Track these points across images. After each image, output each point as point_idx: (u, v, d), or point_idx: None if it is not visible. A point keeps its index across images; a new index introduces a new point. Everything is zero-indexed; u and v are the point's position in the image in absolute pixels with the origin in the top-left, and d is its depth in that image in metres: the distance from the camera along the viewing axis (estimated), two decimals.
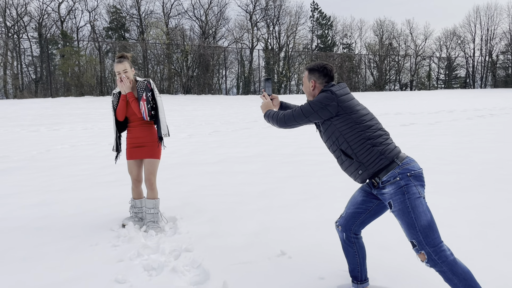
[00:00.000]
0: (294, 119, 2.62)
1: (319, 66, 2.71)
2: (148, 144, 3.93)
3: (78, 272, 3.11)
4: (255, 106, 22.23)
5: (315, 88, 2.71)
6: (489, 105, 20.14)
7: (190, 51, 37.63)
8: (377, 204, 2.62)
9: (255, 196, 5.11)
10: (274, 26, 43.48)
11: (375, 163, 2.44)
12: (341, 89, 2.60)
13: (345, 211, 2.72)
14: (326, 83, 2.69)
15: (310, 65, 2.77)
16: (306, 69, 2.78)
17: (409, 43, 49.59)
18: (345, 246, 2.74)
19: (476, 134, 10.26)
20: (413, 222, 2.30)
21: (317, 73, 2.70)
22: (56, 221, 4.24)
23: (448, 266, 2.26)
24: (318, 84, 2.70)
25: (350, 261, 2.75)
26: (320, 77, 2.69)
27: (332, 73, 2.72)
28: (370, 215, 2.65)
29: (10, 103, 24.11)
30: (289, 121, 2.65)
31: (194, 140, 10.13)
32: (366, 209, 2.64)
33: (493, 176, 5.87)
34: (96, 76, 34.89)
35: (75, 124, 13.78)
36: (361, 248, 2.72)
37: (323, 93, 2.58)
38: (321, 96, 2.56)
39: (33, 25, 36.47)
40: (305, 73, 2.78)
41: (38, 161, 7.57)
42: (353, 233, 2.69)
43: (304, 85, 2.81)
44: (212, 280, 2.96)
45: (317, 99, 2.57)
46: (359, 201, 2.66)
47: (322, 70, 2.70)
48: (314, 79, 2.71)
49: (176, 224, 4.09)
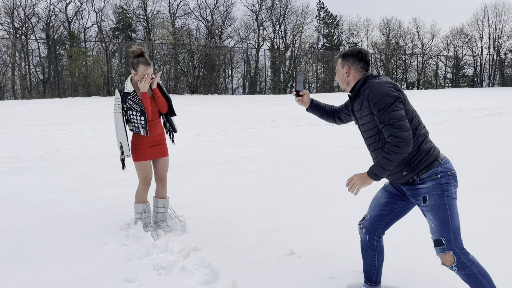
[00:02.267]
0: (401, 126, 2.24)
1: (354, 50, 2.53)
2: (163, 141, 3.91)
3: (88, 271, 3.12)
4: (262, 106, 22.22)
5: (349, 75, 2.52)
6: (498, 104, 19.98)
7: (196, 51, 37.68)
8: (402, 206, 2.55)
9: (263, 195, 5.10)
10: (280, 25, 43.44)
11: (421, 162, 2.34)
12: (388, 79, 2.41)
13: (369, 213, 2.65)
14: (362, 69, 2.50)
15: (343, 51, 2.58)
16: (339, 56, 2.58)
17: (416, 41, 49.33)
18: (365, 248, 2.68)
19: (485, 133, 10.17)
20: (448, 220, 2.25)
21: (351, 58, 2.51)
22: (65, 220, 4.26)
23: (477, 268, 2.22)
24: (353, 69, 2.51)
25: (367, 263, 2.70)
26: (355, 62, 2.50)
27: (368, 58, 2.52)
28: (395, 216, 2.59)
29: (18, 103, 24.29)
30: (400, 135, 2.23)
31: (201, 139, 10.14)
32: (391, 211, 2.57)
33: (503, 175, 5.82)
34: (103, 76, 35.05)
35: (83, 124, 13.84)
36: (381, 251, 2.67)
37: (379, 84, 2.33)
38: (382, 87, 2.31)
39: (41, 26, 36.73)
40: (338, 60, 2.60)
41: (46, 161, 7.61)
42: (376, 235, 2.63)
43: (337, 73, 2.61)
44: (221, 280, 2.95)
45: (380, 91, 2.30)
46: (383, 203, 2.59)
47: (357, 55, 2.50)
48: (348, 65, 2.51)
49: (184, 223, 4.09)
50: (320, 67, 44.41)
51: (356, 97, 2.50)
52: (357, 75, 2.51)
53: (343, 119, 2.84)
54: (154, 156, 3.84)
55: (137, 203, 3.88)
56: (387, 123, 2.27)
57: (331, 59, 43.62)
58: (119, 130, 3.69)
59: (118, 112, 3.70)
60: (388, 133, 2.26)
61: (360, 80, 2.49)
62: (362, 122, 2.50)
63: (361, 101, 2.45)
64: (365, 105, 2.40)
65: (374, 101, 2.32)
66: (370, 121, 2.42)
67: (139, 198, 3.87)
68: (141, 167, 3.79)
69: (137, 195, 3.88)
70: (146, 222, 3.89)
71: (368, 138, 2.50)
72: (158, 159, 3.91)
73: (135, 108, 3.68)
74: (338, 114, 2.85)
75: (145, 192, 3.87)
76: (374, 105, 2.33)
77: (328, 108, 2.89)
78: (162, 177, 3.95)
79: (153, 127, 3.82)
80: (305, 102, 2.87)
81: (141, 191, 3.85)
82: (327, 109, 2.89)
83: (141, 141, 3.78)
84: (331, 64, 43.66)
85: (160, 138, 3.88)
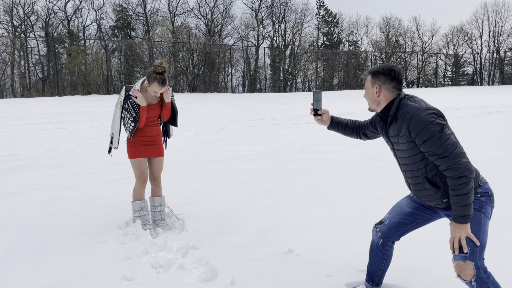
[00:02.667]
0: (458, 155, 2.11)
1: (385, 68, 2.35)
2: (159, 142, 3.96)
3: (86, 269, 3.12)
4: (261, 104, 22.22)
5: (380, 95, 2.37)
6: (497, 102, 19.98)
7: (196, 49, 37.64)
8: (426, 218, 2.49)
9: (261, 194, 5.10)
10: (279, 23, 43.38)
11: None
12: (428, 104, 2.26)
13: (389, 219, 2.58)
14: (395, 89, 2.34)
15: (373, 68, 2.41)
16: (369, 73, 2.43)
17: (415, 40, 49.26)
18: (375, 250, 2.64)
19: (484, 131, 10.18)
20: (479, 233, 2.18)
21: (382, 77, 2.35)
22: (63, 218, 4.26)
23: (494, 285, 2.18)
24: (385, 89, 2.35)
25: (374, 264, 2.67)
26: (387, 81, 2.34)
27: (401, 77, 2.35)
28: (416, 226, 2.53)
29: (18, 101, 24.27)
30: (460, 166, 2.10)
31: (200, 138, 10.14)
32: (413, 221, 2.51)
33: (502, 173, 5.82)
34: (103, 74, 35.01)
35: (82, 123, 13.84)
36: (390, 256, 2.64)
37: (419, 110, 2.18)
38: (423, 114, 2.17)
39: (40, 24, 36.66)
40: (367, 77, 2.45)
41: (45, 159, 7.61)
42: (391, 241, 2.59)
43: (366, 91, 2.45)
44: (219, 278, 2.96)
45: (422, 119, 2.16)
46: (406, 212, 2.52)
47: (389, 73, 2.34)
48: (379, 84, 2.36)
49: (183, 222, 4.09)
50: (320, 65, 44.35)
51: (392, 122, 2.35)
52: (389, 95, 2.36)
53: (369, 135, 2.71)
54: (149, 154, 3.89)
55: (134, 201, 3.89)
56: (442, 155, 2.12)
57: (331, 57, 43.60)
58: (114, 123, 3.81)
59: (118, 108, 3.80)
60: (446, 166, 2.12)
61: (394, 102, 2.34)
62: (399, 148, 2.37)
63: (398, 127, 2.30)
64: (404, 133, 2.26)
65: (417, 131, 2.17)
66: (409, 149, 2.29)
67: (136, 196, 3.89)
68: (137, 164, 3.83)
69: (134, 193, 3.90)
70: (144, 220, 3.90)
71: (405, 165, 2.39)
72: (153, 159, 3.95)
73: (130, 112, 3.73)
74: (363, 130, 2.71)
75: (141, 189, 3.88)
76: (417, 135, 2.18)
77: (351, 124, 2.75)
78: (156, 176, 3.99)
79: (149, 128, 3.88)
80: (325, 121, 2.72)
81: (137, 188, 3.87)
82: (350, 125, 2.75)
83: (136, 139, 3.83)
84: (331, 63, 43.64)
85: (156, 138, 3.93)
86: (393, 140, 2.39)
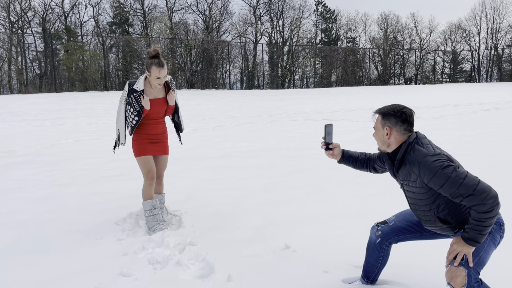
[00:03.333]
0: (483, 190, 2.04)
1: (396, 110, 2.30)
2: (164, 140, 3.95)
3: (83, 265, 3.13)
4: (259, 101, 22.20)
5: (391, 137, 2.31)
6: (495, 99, 20.01)
7: (193, 46, 37.55)
8: (432, 233, 2.46)
9: (259, 190, 5.11)
10: (278, 20, 43.30)
11: None
12: (438, 149, 2.22)
13: (394, 221, 2.56)
14: (406, 131, 2.29)
15: (383, 109, 2.35)
16: (379, 113, 2.36)
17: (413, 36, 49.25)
18: (372, 248, 2.63)
19: (481, 128, 10.20)
20: (480, 250, 2.16)
21: (393, 119, 2.29)
22: (61, 215, 4.26)
23: None
24: (396, 131, 2.30)
25: (370, 261, 2.67)
26: (398, 123, 2.28)
27: (413, 119, 2.29)
28: (418, 236, 2.51)
29: (15, 98, 24.20)
30: (488, 200, 2.03)
31: (198, 134, 10.14)
32: (419, 231, 2.49)
33: (499, 170, 5.84)
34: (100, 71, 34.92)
35: (80, 119, 13.81)
36: (387, 255, 2.64)
37: (426, 156, 2.15)
38: (431, 159, 2.14)
39: (37, 20, 36.49)
40: (376, 117, 2.39)
41: (43, 156, 7.60)
42: (389, 242, 2.58)
43: (376, 132, 2.39)
44: (216, 273, 2.97)
45: (432, 165, 2.12)
46: (414, 221, 2.50)
47: (400, 115, 2.28)
48: (389, 126, 2.30)
49: (180, 218, 4.10)
50: (318, 62, 44.32)
51: (401, 165, 2.32)
52: (400, 137, 2.31)
53: (378, 170, 2.68)
54: (155, 152, 3.87)
55: (145, 201, 3.77)
56: (466, 194, 2.05)
57: (329, 54, 43.57)
58: (119, 119, 3.78)
59: (122, 103, 3.77)
60: (474, 203, 2.05)
61: (402, 146, 2.29)
62: (409, 189, 2.33)
63: (408, 172, 2.27)
64: (416, 179, 2.23)
65: (429, 177, 2.14)
66: (420, 192, 2.26)
67: (146, 195, 3.78)
68: (143, 162, 3.79)
69: (143, 193, 3.79)
70: (158, 218, 3.77)
71: (416, 205, 2.34)
72: (158, 156, 3.95)
73: (134, 106, 3.69)
74: (372, 164, 2.68)
75: (150, 188, 3.78)
76: (431, 181, 2.15)
77: (361, 157, 2.71)
78: (159, 174, 3.99)
79: (153, 126, 3.84)
80: (336, 155, 2.68)
81: (146, 187, 3.78)
82: (360, 158, 2.71)
83: (140, 136, 3.81)
84: (329, 59, 43.61)
85: (161, 136, 3.91)
86: (403, 182, 2.35)
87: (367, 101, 20.71)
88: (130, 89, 3.71)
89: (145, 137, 3.81)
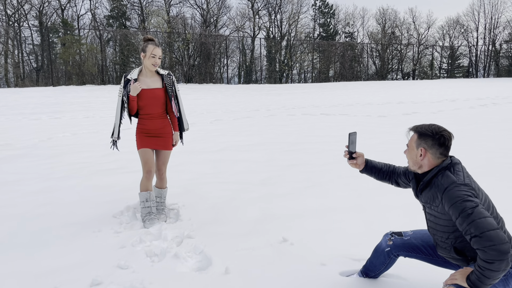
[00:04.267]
0: (492, 238, 1.92)
1: (435, 132, 2.17)
2: (165, 135, 3.89)
3: (81, 258, 3.12)
4: (257, 95, 22.17)
5: (424, 159, 2.20)
6: (492, 94, 20.05)
7: (191, 40, 37.42)
8: (445, 261, 2.41)
9: (256, 184, 5.11)
10: (276, 14, 43.17)
11: None
12: (472, 182, 2.12)
13: (410, 237, 2.49)
14: (441, 155, 2.18)
15: (421, 128, 2.22)
16: (415, 132, 2.24)
17: (411, 32, 49.24)
18: (379, 253, 2.59)
19: (479, 123, 10.22)
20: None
21: (430, 141, 2.17)
22: (58, 208, 4.25)
23: None
24: (430, 154, 2.18)
25: (373, 263, 2.65)
26: (434, 146, 2.17)
27: (451, 143, 2.17)
28: (429, 259, 2.45)
29: (12, 91, 24.09)
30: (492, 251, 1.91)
31: (195, 128, 10.12)
32: (431, 254, 2.43)
33: (496, 164, 5.86)
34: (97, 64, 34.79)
35: (77, 113, 13.76)
36: (392, 263, 2.60)
37: (454, 185, 2.06)
38: (457, 188, 2.06)
39: (34, 13, 36.27)
40: (411, 135, 2.27)
41: (39, 149, 7.57)
42: (396, 253, 2.53)
43: (409, 151, 2.27)
44: (214, 266, 2.97)
45: (455, 194, 2.04)
46: (430, 244, 2.43)
47: (439, 138, 2.16)
48: (425, 147, 2.19)
49: (178, 211, 4.10)
50: (316, 56, 44.27)
51: (426, 187, 2.23)
52: (434, 161, 2.20)
53: (400, 185, 2.59)
54: (155, 146, 3.85)
55: (140, 192, 3.84)
56: (474, 234, 1.95)
57: (327, 49, 43.50)
58: (116, 113, 3.78)
59: (119, 96, 3.76)
60: (478, 247, 1.95)
61: (435, 168, 2.19)
62: (431, 212, 2.24)
63: (432, 195, 2.19)
64: (438, 204, 2.15)
65: (449, 205, 2.07)
66: (442, 218, 2.18)
67: (142, 187, 3.83)
68: (141, 154, 3.82)
69: (140, 184, 3.85)
70: (150, 211, 3.80)
71: (435, 230, 2.27)
72: (159, 151, 3.94)
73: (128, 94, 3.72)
74: (396, 178, 2.58)
75: (147, 181, 3.80)
76: (449, 208, 2.07)
77: (385, 169, 2.61)
78: (159, 168, 3.97)
79: (150, 120, 3.81)
80: (359, 165, 2.60)
81: (143, 179, 3.82)
82: (384, 170, 2.61)
83: (140, 130, 3.83)
84: (327, 54, 43.54)
85: (160, 131, 3.86)
86: (425, 204, 2.28)
87: (364, 96, 20.71)
88: (125, 80, 3.73)
89: (144, 132, 3.82)
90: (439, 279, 2.70)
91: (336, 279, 2.77)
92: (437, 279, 2.73)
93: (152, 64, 3.70)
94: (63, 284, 2.75)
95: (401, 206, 4.16)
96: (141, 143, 3.81)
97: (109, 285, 2.72)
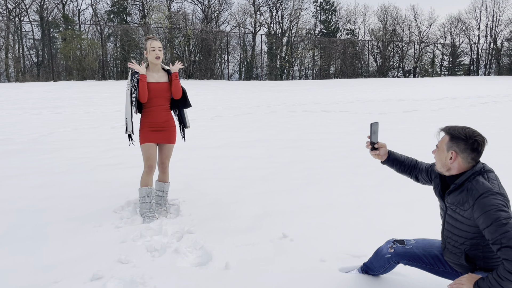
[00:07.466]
0: None
1: (468, 136, 2.08)
2: (169, 128, 3.91)
3: (82, 252, 3.14)
4: (257, 92, 22.15)
5: (454, 162, 2.13)
6: (493, 92, 20.02)
7: (192, 36, 37.34)
8: (445, 271, 2.37)
9: (257, 180, 5.12)
10: (277, 10, 43.04)
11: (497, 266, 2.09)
12: (502, 188, 2.08)
13: (412, 246, 2.46)
14: (472, 161, 2.11)
15: (454, 130, 2.13)
16: (447, 133, 2.16)
17: (413, 29, 49.08)
18: (380, 257, 2.58)
19: (479, 121, 10.22)
20: None
21: (462, 145, 2.09)
22: (58, 202, 4.27)
23: None
24: (461, 158, 2.11)
25: (374, 264, 2.64)
26: (466, 150, 2.09)
27: (483, 149, 2.08)
28: (430, 269, 2.43)
29: (12, 86, 24.07)
30: None
31: (196, 124, 10.12)
32: (432, 264, 2.40)
33: (497, 162, 5.87)
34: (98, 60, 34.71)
35: (77, 108, 13.76)
36: (391, 268, 2.59)
37: (489, 192, 1.99)
38: (492, 196, 1.99)
39: (35, 8, 36.16)
40: (442, 136, 2.19)
41: (40, 144, 7.58)
42: (397, 261, 2.51)
43: (439, 152, 2.20)
44: (214, 261, 2.98)
45: (489, 202, 1.97)
46: (432, 254, 2.40)
47: (472, 143, 2.07)
48: (456, 151, 2.11)
49: (178, 207, 4.11)
50: (317, 53, 44.16)
51: (455, 191, 2.16)
52: (464, 165, 2.13)
53: (420, 181, 2.55)
54: (157, 140, 3.86)
55: (140, 187, 3.85)
56: (505, 245, 1.89)
57: (328, 46, 43.40)
58: (126, 108, 3.78)
59: (127, 89, 3.79)
60: (506, 257, 1.89)
61: (466, 173, 2.12)
62: (454, 215, 2.17)
63: (462, 199, 2.11)
64: (467, 209, 2.08)
65: (480, 213, 2.00)
66: (465, 223, 2.11)
67: (142, 182, 3.85)
68: (143, 149, 3.83)
69: (141, 180, 3.87)
70: (149, 206, 3.82)
71: (451, 233, 2.22)
72: (162, 145, 3.95)
73: (135, 86, 3.75)
74: (416, 173, 2.54)
75: (148, 176, 3.82)
76: (479, 217, 2.00)
77: (407, 162, 2.57)
78: (162, 162, 3.98)
79: (155, 112, 3.83)
80: (381, 155, 2.55)
81: (144, 174, 3.84)
82: (406, 163, 2.57)
83: (144, 124, 3.85)
84: (328, 51, 43.45)
85: (164, 125, 3.87)
86: (450, 206, 2.20)
87: (365, 93, 20.69)
88: (132, 73, 3.77)
89: (148, 125, 3.83)
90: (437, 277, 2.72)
91: (336, 275, 2.78)
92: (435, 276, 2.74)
93: (155, 58, 3.79)
94: (64, 278, 2.77)
95: (401, 203, 4.17)
96: (145, 138, 3.82)
97: (110, 279, 2.73)
